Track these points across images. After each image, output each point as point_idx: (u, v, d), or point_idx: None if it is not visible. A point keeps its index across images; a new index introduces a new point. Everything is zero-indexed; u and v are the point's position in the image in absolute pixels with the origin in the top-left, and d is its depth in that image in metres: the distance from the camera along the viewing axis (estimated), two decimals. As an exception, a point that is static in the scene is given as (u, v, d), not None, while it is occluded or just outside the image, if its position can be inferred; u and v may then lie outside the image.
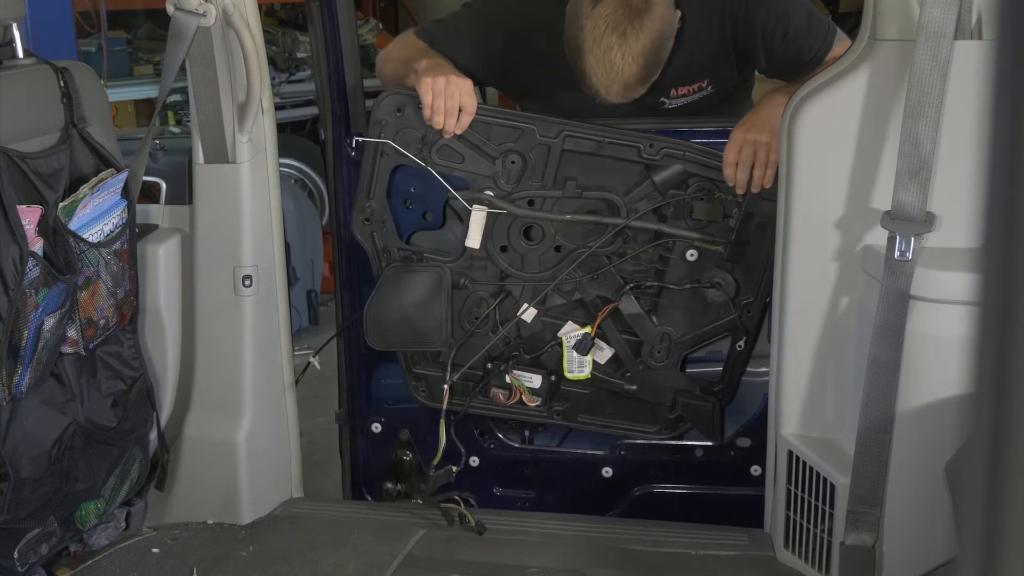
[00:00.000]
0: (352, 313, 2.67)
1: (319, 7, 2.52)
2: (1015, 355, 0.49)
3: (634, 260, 2.47)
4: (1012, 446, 0.50)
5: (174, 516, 2.51)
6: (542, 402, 2.56)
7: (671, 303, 2.48)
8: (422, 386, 2.61)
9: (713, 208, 2.39)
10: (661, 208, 2.43)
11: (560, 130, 2.41)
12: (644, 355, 2.51)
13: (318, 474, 3.17)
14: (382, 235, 2.52)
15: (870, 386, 1.96)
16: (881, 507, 2.02)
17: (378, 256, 2.53)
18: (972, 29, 1.87)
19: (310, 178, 5.74)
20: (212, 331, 2.47)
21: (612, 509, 2.64)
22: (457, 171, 2.44)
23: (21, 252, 1.95)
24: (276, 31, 6.01)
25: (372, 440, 2.75)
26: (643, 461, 2.63)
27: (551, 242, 2.47)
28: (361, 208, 2.50)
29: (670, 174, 2.40)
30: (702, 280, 2.44)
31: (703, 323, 2.47)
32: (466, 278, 2.52)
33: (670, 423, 2.57)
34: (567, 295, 2.51)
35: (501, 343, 2.54)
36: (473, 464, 2.67)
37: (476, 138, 2.42)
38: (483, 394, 2.58)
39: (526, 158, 2.43)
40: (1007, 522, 0.51)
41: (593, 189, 2.44)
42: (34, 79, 2.17)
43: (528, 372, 2.55)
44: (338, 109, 2.60)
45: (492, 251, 2.49)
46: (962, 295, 1.86)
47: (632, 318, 2.49)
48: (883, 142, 2.01)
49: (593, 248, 2.45)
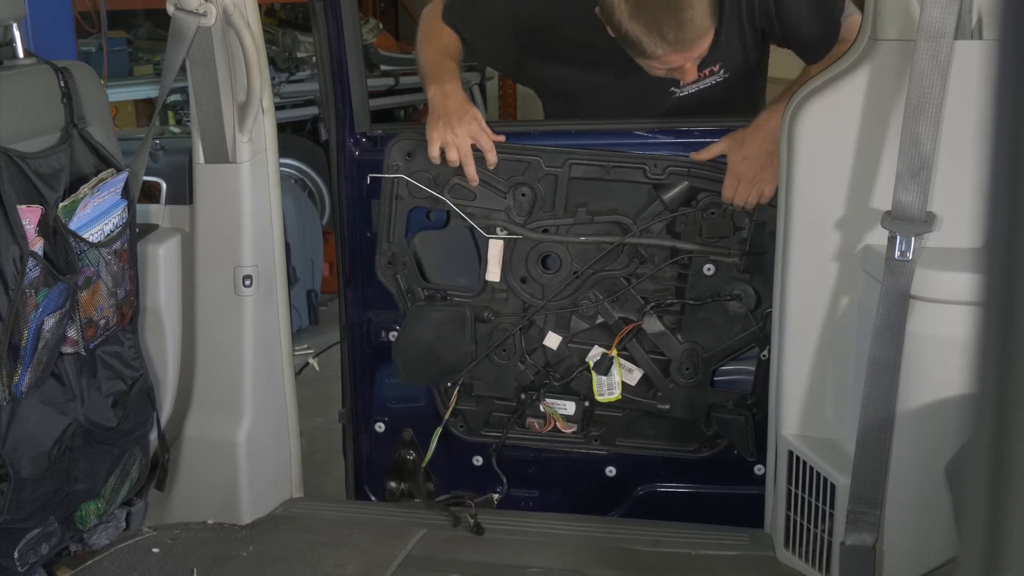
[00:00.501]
0: (355, 313, 2.68)
1: (323, 7, 2.53)
2: (1017, 355, 0.49)
3: (653, 279, 2.49)
4: (1013, 446, 0.50)
5: (174, 516, 2.51)
6: (578, 428, 2.59)
7: (694, 319, 2.50)
8: (459, 421, 2.66)
9: (723, 223, 2.41)
10: (675, 225, 2.45)
11: (565, 159, 2.44)
12: (673, 373, 2.52)
13: (318, 474, 3.17)
14: (405, 276, 2.58)
15: (870, 386, 1.96)
16: (881, 507, 2.02)
17: (403, 296, 2.58)
18: (972, 29, 1.87)
19: (310, 178, 5.74)
20: (212, 331, 2.47)
21: (615, 509, 2.64)
22: (470, 208, 2.49)
23: (21, 252, 1.95)
24: (276, 31, 6.01)
25: (375, 439, 2.75)
26: (646, 461, 2.63)
27: (569, 269, 2.50)
28: (383, 252, 2.56)
29: (678, 192, 2.42)
30: (722, 293, 2.45)
31: (728, 336, 2.48)
32: (489, 311, 2.56)
33: (707, 440, 2.57)
34: (590, 320, 2.53)
35: (531, 372, 2.57)
36: (476, 463, 2.68)
37: (485, 174, 2.46)
38: (519, 424, 2.62)
39: (535, 189, 2.47)
40: (1008, 522, 0.51)
41: (604, 213, 2.47)
42: (34, 79, 2.17)
43: (561, 399, 2.58)
44: (341, 109, 2.61)
45: (512, 283, 2.53)
46: (962, 295, 1.86)
47: (656, 337, 2.51)
48: (883, 142, 2.01)
49: (610, 268, 2.48)
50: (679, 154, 2.42)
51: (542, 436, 2.61)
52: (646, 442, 2.61)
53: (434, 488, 2.70)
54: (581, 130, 2.52)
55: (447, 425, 2.64)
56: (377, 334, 2.69)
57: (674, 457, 2.61)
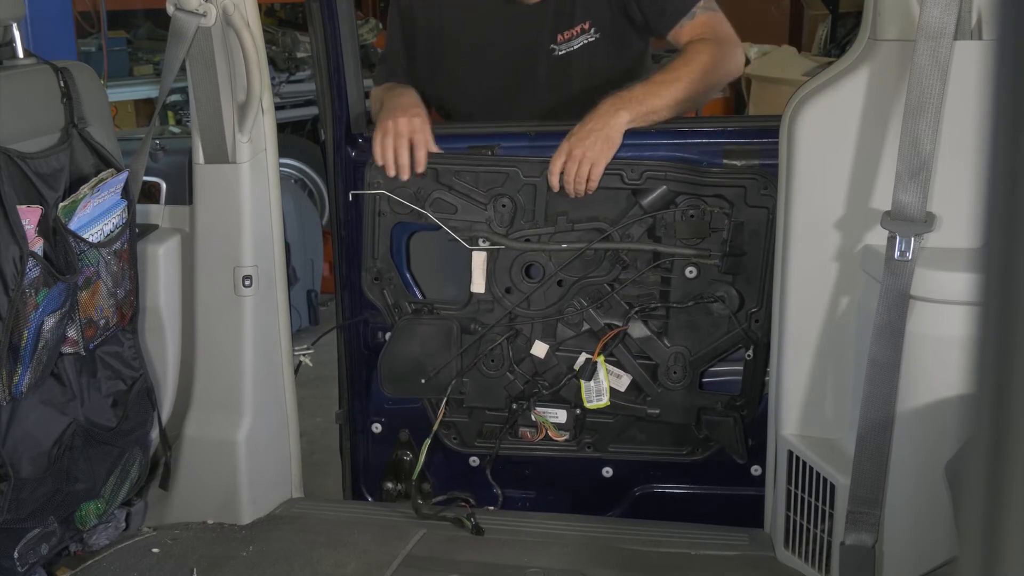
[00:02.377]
0: (351, 314, 2.68)
1: (319, 7, 2.53)
2: (1016, 355, 0.49)
3: (636, 284, 2.50)
4: (1012, 446, 0.50)
5: (174, 516, 2.51)
6: (571, 436, 2.60)
7: (680, 323, 2.50)
8: (452, 433, 2.67)
9: (699, 225, 2.41)
10: (655, 230, 2.45)
11: (543, 169, 2.45)
12: (661, 377, 2.52)
13: (318, 474, 3.17)
14: (391, 291, 2.60)
15: (870, 386, 1.96)
16: (881, 507, 2.02)
17: (390, 311, 2.60)
18: (972, 29, 1.87)
19: (310, 178, 5.74)
20: (212, 331, 2.47)
21: (612, 509, 2.64)
22: (452, 221, 2.50)
23: (21, 252, 1.95)
24: (276, 31, 6.01)
25: (372, 440, 2.75)
26: (643, 462, 2.63)
27: (552, 277, 2.51)
28: (368, 268, 2.59)
29: (657, 196, 2.42)
30: (704, 296, 2.45)
31: (714, 338, 2.48)
32: (476, 323, 2.57)
33: (700, 442, 2.57)
34: (576, 327, 2.53)
35: (520, 382, 2.58)
36: (473, 464, 2.68)
37: (464, 187, 2.49)
38: (512, 434, 2.62)
39: (515, 200, 2.49)
40: (1007, 522, 0.51)
41: (584, 221, 2.47)
42: (34, 79, 2.18)
43: (552, 408, 2.59)
44: (338, 109, 2.61)
45: (497, 294, 2.54)
46: (962, 295, 1.86)
47: (643, 342, 2.52)
48: (883, 142, 2.01)
49: (593, 274, 2.49)
50: (656, 159, 2.42)
51: (535, 445, 2.62)
52: (639, 447, 2.61)
53: (431, 489, 2.70)
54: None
55: (439, 436, 2.65)
56: (374, 335, 2.69)
57: (668, 461, 2.61)
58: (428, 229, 2.58)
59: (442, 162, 2.50)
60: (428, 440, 2.62)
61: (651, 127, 2.41)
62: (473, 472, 2.68)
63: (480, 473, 2.68)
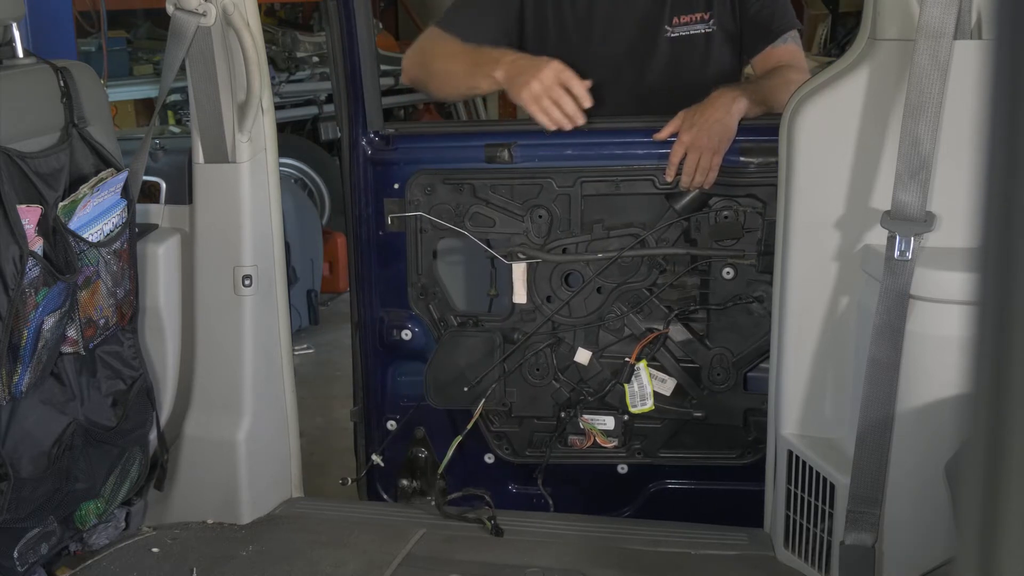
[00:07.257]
0: (366, 311, 2.68)
1: (336, 6, 2.53)
2: (1013, 355, 0.49)
3: (675, 288, 2.51)
4: (1010, 446, 0.50)
5: (174, 516, 2.51)
6: (620, 442, 2.60)
7: (720, 324, 2.51)
8: (504, 444, 2.68)
9: (732, 226, 2.43)
10: (690, 233, 2.46)
11: (576, 178, 2.48)
12: (704, 380, 2.53)
13: (318, 474, 3.17)
14: (437, 305, 2.63)
15: (870, 386, 1.96)
16: (881, 507, 2.02)
17: (435, 325, 2.63)
18: (972, 29, 1.87)
19: (310, 178, 5.74)
20: (212, 331, 2.47)
21: (627, 506, 2.64)
22: (491, 235, 2.54)
23: (21, 252, 1.95)
24: (276, 31, 6.01)
25: (387, 437, 2.75)
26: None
27: (592, 285, 2.53)
28: (413, 284, 2.62)
29: (690, 199, 2.44)
30: (743, 296, 2.46)
31: (755, 338, 2.49)
32: (519, 333, 2.59)
33: (750, 445, 2.58)
34: (617, 333, 2.55)
35: (566, 389, 2.59)
36: (488, 461, 2.68)
37: (501, 200, 2.52)
38: (562, 443, 2.63)
39: (551, 211, 2.51)
40: (1005, 522, 0.51)
41: (619, 227, 2.50)
42: (34, 79, 2.18)
43: (599, 415, 2.60)
44: (354, 108, 2.61)
45: (539, 303, 2.56)
46: (962, 295, 1.86)
47: (684, 345, 2.53)
48: (883, 142, 2.01)
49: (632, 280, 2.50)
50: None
51: (584, 452, 2.62)
52: (688, 451, 2.62)
53: (446, 486, 2.69)
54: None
55: (492, 448, 2.67)
56: (388, 332, 2.69)
57: (718, 466, 2.61)
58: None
59: (478, 176, 2.53)
60: (459, 438, 2.61)
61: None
62: (489, 468, 2.68)
63: (496, 469, 2.68)
